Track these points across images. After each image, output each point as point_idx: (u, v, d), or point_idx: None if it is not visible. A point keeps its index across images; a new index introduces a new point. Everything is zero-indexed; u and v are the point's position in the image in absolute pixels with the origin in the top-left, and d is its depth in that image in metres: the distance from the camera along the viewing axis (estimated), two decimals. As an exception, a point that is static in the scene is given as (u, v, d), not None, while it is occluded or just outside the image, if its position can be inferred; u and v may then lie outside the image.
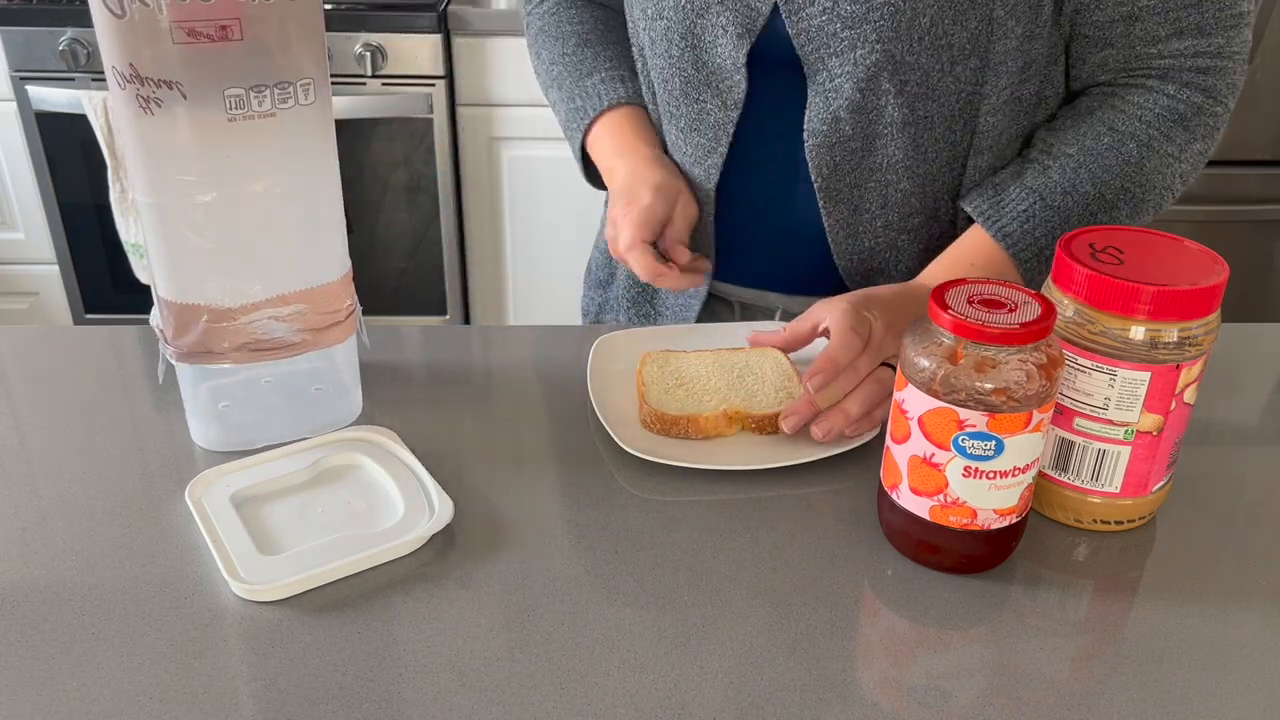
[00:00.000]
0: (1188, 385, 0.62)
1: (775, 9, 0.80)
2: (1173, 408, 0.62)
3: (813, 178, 0.84)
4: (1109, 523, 0.66)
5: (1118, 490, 0.65)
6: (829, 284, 0.91)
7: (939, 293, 0.59)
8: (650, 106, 0.94)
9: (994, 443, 0.58)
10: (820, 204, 0.86)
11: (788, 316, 0.92)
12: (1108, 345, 0.60)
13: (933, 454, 0.60)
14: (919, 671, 0.56)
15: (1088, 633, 0.59)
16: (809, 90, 0.82)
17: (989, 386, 0.57)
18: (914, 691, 0.55)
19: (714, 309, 0.98)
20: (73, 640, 0.57)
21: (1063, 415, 0.64)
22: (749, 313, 0.97)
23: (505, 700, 0.54)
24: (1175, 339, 0.60)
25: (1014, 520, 0.61)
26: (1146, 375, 0.60)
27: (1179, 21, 0.77)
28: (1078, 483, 0.65)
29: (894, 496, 0.63)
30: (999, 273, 0.80)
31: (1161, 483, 0.66)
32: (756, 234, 0.91)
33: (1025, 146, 0.85)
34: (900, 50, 0.77)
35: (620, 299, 1.03)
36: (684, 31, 0.84)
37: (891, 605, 0.61)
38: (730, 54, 0.82)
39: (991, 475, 0.59)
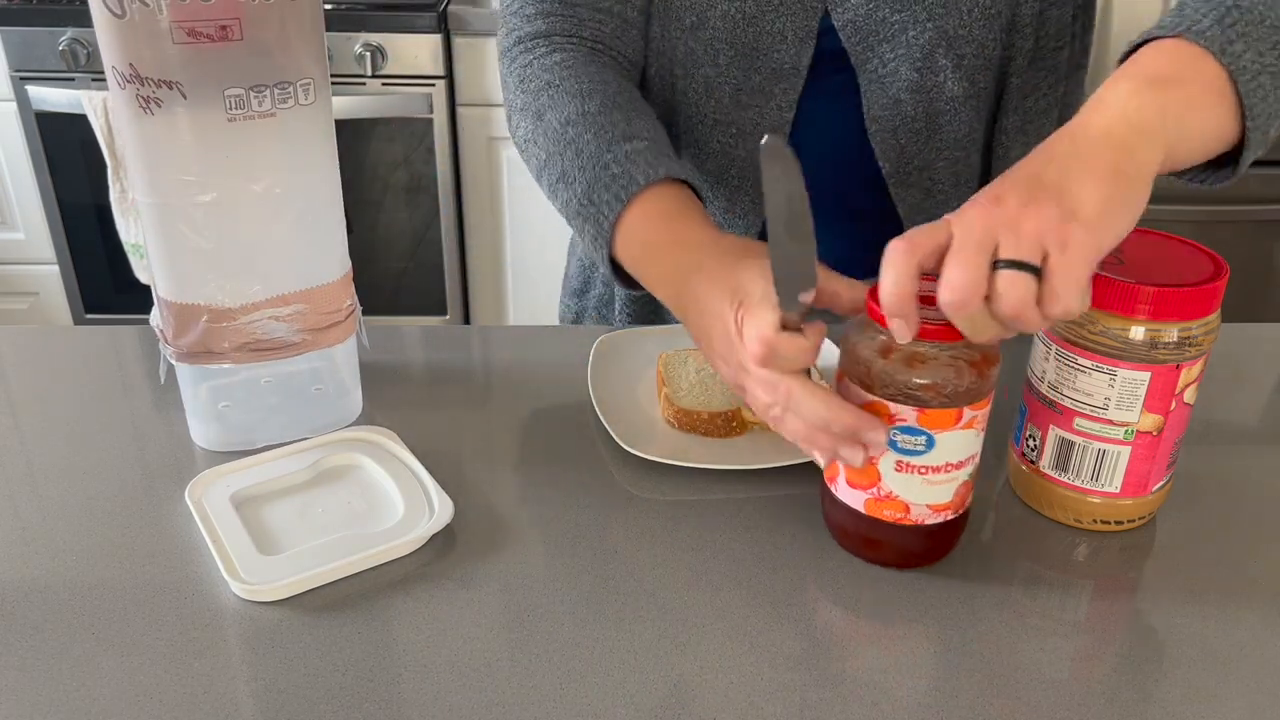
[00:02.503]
0: (1188, 385, 0.62)
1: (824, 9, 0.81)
2: (1173, 408, 0.62)
3: (880, 164, 0.84)
4: (1109, 523, 0.66)
5: (1118, 490, 0.65)
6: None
7: (875, 290, 0.57)
8: (686, 117, 0.87)
9: (924, 438, 0.58)
10: (891, 190, 0.86)
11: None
12: (1108, 345, 0.60)
13: None
14: (919, 671, 0.56)
15: (1088, 633, 0.59)
16: (860, 80, 0.82)
17: (919, 381, 0.57)
18: (914, 691, 0.55)
19: None
20: (73, 640, 0.57)
21: (1063, 415, 0.64)
22: None
23: (505, 700, 0.54)
24: (1175, 339, 0.60)
25: (950, 517, 0.61)
26: (1146, 375, 0.60)
27: None
28: (1078, 483, 0.65)
29: (833, 489, 0.63)
30: (1207, 82, 0.57)
31: (1161, 483, 0.66)
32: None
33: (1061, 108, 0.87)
34: (952, 25, 0.79)
35: (603, 305, 1.03)
36: (731, 39, 0.83)
37: (892, 606, 0.61)
38: (792, 58, 0.82)
39: (923, 470, 0.59)
